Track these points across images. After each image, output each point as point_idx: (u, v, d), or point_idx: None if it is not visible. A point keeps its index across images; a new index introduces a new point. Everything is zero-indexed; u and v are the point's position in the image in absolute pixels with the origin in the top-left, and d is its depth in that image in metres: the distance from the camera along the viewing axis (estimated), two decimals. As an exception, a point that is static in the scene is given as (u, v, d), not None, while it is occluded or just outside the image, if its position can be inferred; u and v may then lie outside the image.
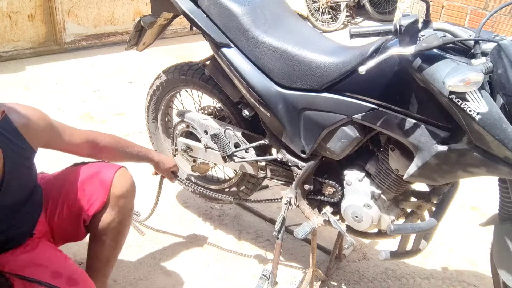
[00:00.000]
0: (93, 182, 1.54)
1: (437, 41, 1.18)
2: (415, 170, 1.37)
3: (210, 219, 2.30)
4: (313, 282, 1.81)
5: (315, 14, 5.60)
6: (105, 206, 1.54)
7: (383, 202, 1.59)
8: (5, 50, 3.98)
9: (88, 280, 1.43)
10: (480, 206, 2.52)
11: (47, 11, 4.09)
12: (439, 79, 1.20)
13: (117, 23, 4.53)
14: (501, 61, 1.15)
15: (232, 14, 1.67)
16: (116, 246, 1.62)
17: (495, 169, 1.25)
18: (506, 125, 1.16)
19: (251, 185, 2.06)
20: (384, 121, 1.41)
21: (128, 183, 1.59)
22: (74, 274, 1.40)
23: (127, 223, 1.64)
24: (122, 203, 1.56)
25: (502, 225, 1.41)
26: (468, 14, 4.03)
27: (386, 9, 6.06)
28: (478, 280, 2.03)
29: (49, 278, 1.34)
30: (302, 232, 1.63)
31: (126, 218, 1.61)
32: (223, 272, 1.99)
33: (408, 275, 2.03)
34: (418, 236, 1.62)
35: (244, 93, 1.72)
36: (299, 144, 1.65)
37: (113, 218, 1.56)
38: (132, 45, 2.05)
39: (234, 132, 1.86)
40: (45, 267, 1.38)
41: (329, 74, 1.51)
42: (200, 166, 2.08)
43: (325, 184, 1.70)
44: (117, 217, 1.56)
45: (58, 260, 1.44)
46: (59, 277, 1.36)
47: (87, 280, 1.43)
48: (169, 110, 2.25)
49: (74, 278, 1.39)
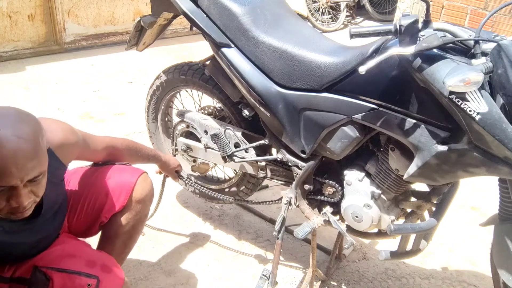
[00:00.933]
0: (116, 185, 1.55)
1: (437, 41, 1.18)
2: (415, 170, 1.37)
3: (210, 219, 2.30)
4: (313, 282, 1.81)
5: (315, 14, 5.60)
6: (124, 209, 1.55)
7: (383, 202, 1.59)
8: (5, 50, 3.98)
9: (118, 266, 1.44)
10: (480, 206, 2.52)
11: (47, 11, 4.09)
12: (439, 79, 1.20)
13: (117, 23, 4.53)
14: (501, 61, 1.15)
15: (232, 14, 1.67)
16: (125, 250, 1.63)
17: (495, 169, 1.25)
18: (506, 125, 1.16)
19: (251, 185, 2.06)
20: (384, 121, 1.41)
21: (148, 188, 1.61)
22: (106, 261, 1.41)
23: (140, 229, 1.65)
24: (140, 208, 1.58)
25: (502, 225, 1.41)
26: (468, 14, 4.03)
27: (386, 9, 6.06)
28: (478, 280, 2.03)
29: (85, 267, 1.34)
30: (302, 232, 1.63)
31: (140, 223, 1.63)
32: (223, 272, 1.99)
33: (408, 275, 2.03)
34: (418, 236, 1.62)
35: (244, 93, 1.72)
36: (299, 144, 1.65)
37: (128, 221, 1.57)
38: (132, 45, 2.05)
39: (234, 132, 1.86)
40: (78, 257, 1.38)
41: (329, 74, 1.51)
42: (200, 166, 2.08)
43: (325, 184, 1.70)
44: (132, 221, 1.57)
45: (87, 250, 1.45)
46: (94, 266, 1.36)
47: (118, 266, 1.44)
48: (169, 110, 2.25)
49: (107, 265, 1.40)
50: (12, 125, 1.07)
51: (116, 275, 1.40)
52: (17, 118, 1.10)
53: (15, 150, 1.05)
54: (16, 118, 1.10)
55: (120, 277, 1.40)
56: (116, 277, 1.39)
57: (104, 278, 1.34)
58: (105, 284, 1.33)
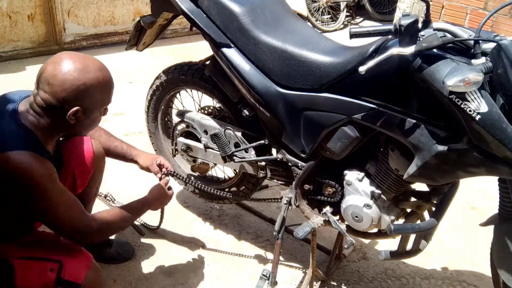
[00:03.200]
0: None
1: (437, 41, 1.19)
2: (415, 170, 1.37)
3: (210, 219, 2.30)
4: (313, 282, 1.81)
5: (315, 14, 5.59)
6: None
7: (383, 202, 1.59)
8: (5, 50, 3.98)
9: (84, 250, 1.47)
10: (480, 206, 2.52)
11: (47, 11, 4.09)
12: (439, 79, 1.20)
13: (117, 23, 4.53)
14: (501, 61, 1.15)
15: (232, 14, 1.67)
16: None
17: (495, 169, 1.25)
18: (506, 125, 1.16)
19: (251, 185, 2.06)
20: (384, 121, 1.41)
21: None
22: (70, 247, 1.45)
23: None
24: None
25: (502, 225, 1.41)
26: (468, 14, 4.04)
27: (386, 9, 6.06)
28: (478, 280, 2.03)
29: (48, 253, 1.40)
30: (302, 232, 1.63)
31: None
32: (223, 272, 1.99)
33: (408, 275, 2.03)
34: (418, 236, 1.61)
35: (244, 93, 1.72)
36: (299, 144, 1.65)
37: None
38: (132, 45, 2.05)
39: (234, 132, 1.86)
40: (41, 245, 1.44)
41: (329, 74, 1.51)
42: (200, 166, 2.08)
43: (325, 184, 1.70)
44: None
45: (50, 238, 1.49)
46: (57, 251, 1.41)
47: (84, 250, 1.47)
48: (169, 110, 2.25)
49: (71, 250, 1.44)
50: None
51: (82, 259, 1.43)
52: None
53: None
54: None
55: (86, 260, 1.44)
56: (81, 261, 1.42)
57: (67, 262, 1.38)
58: (68, 268, 1.38)
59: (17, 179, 1.25)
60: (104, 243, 1.96)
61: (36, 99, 1.31)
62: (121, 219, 1.53)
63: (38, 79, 1.31)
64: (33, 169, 1.25)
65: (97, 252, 1.92)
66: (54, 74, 1.27)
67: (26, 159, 1.25)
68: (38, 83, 1.31)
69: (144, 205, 1.63)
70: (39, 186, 1.27)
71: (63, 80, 1.27)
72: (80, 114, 1.32)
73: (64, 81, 1.27)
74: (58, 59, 1.31)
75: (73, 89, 1.27)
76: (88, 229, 1.40)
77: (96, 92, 1.33)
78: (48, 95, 1.28)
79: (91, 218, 1.44)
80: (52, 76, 1.27)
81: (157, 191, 1.70)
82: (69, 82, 1.27)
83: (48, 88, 1.27)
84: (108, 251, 1.95)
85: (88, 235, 1.42)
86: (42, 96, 1.29)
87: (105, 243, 1.96)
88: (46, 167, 1.30)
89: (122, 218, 1.53)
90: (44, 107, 1.30)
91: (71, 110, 1.29)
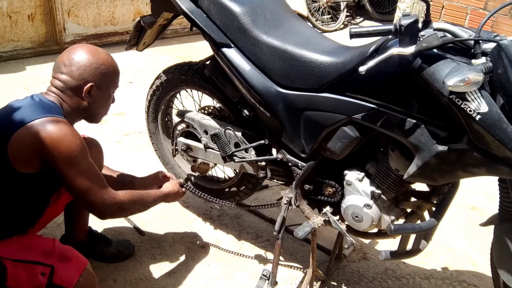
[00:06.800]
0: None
1: (437, 41, 1.19)
2: (415, 170, 1.37)
3: (210, 219, 2.30)
4: (313, 282, 1.81)
5: (315, 14, 5.59)
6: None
7: (383, 202, 1.59)
8: (5, 50, 3.98)
9: (81, 256, 1.48)
10: (480, 206, 2.52)
11: (47, 11, 4.09)
12: (439, 79, 1.20)
13: (117, 23, 4.53)
14: (501, 61, 1.15)
15: (232, 14, 1.67)
16: None
17: (495, 169, 1.25)
18: (506, 125, 1.16)
19: (251, 185, 2.06)
20: (384, 121, 1.41)
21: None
22: (64, 252, 1.46)
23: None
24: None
25: (502, 225, 1.41)
26: (468, 14, 4.04)
27: (386, 9, 6.06)
28: (478, 280, 2.03)
29: (41, 257, 1.41)
30: (302, 232, 1.63)
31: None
32: (223, 272, 1.99)
33: (408, 275, 2.03)
34: (418, 236, 1.62)
35: (244, 93, 1.72)
36: (299, 144, 1.65)
37: None
38: (132, 45, 2.05)
39: (234, 132, 1.86)
40: (35, 248, 1.44)
41: (329, 74, 1.51)
42: (200, 166, 2.08)
43: (325, 184, 1.70)
44: None
45: (46, 242, 1.49)
46: (50, 256, 1.42)
47: (80, 256, 1.48)
48: (169, 110, 2.25)
49: (65, 255, 1.45)
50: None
51: (75, 264, 1.44)
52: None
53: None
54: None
55: (80, 266, 1.44)
56: (74, 266, 1.43)
57: (59, 267, 1.39)
58: (60, 272, 1.39)
59: (58, 141, 1.35)
60: (104, 243, 1.96)
61: (54, 82, 1.49)
62: (140, 201, 1.60)
63: (54, 67, 1.50)
64: (74, 134, 1.40)
65: (98, 252, 1.94)
66: (70, 57, 1.48)
67: (66, 125, 1.40)
68: (54, 70, 1.50)
69: (160, 196, 1.71)
70: (76, 150, 1.38)
71: (77, 61, 1.47)
72: (94, 91, 1.49)
73: (79, 61, 1.47)
74: (72, 48, 1.52)
75: (86, 66, 1.47)
76: (111, 200, 1.46)
77: (107, 70, 1.53)
78: (65, 75, 1.47)
79: (115, 192, 1.50)
80: (68, 59, 1.48)
81: (171, 186, 1.80)
82: (83, 61, 1.47)
83: (65, 69, 1.47)
84: (108, 250, 1.95)
85: (108, 207, 1.46)
86: (60, 77, 1.48)
87: (105, 243, 1.96)
88: (80, 137, 1.43)
89: (141, 201, 1.60)
90: (63, 87, 1.47)
91: (86, 86, 1.47)
